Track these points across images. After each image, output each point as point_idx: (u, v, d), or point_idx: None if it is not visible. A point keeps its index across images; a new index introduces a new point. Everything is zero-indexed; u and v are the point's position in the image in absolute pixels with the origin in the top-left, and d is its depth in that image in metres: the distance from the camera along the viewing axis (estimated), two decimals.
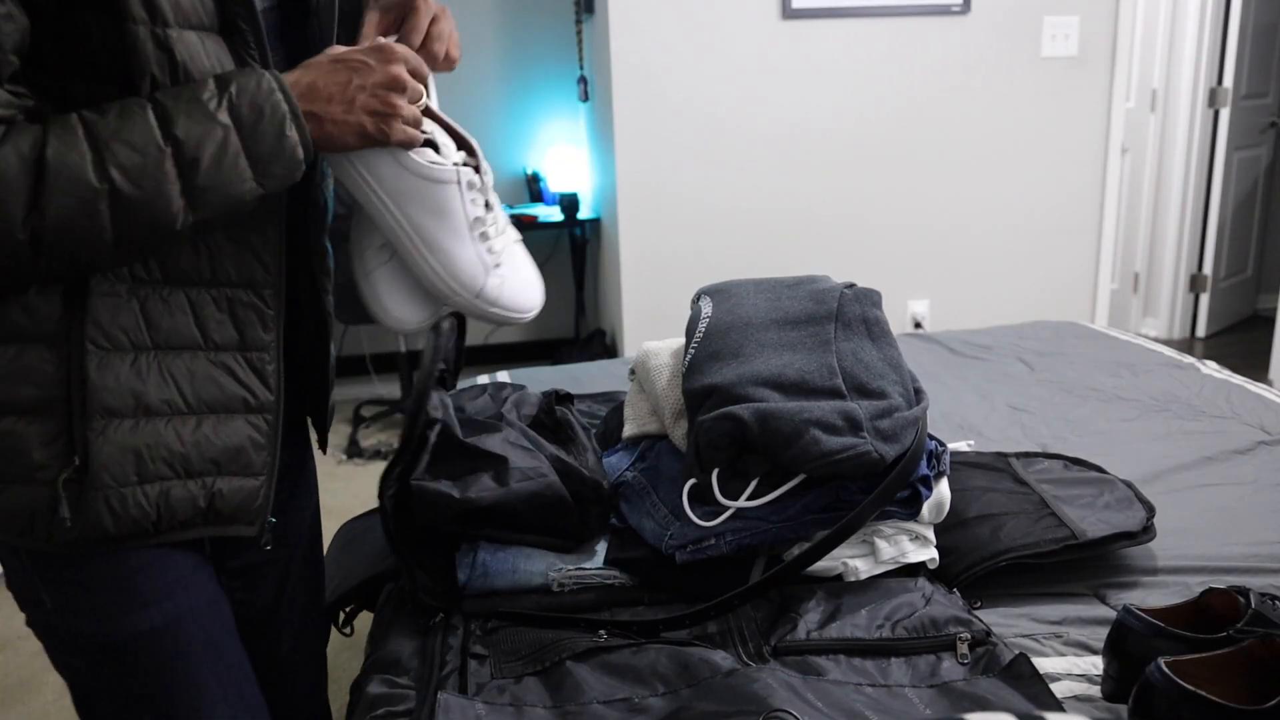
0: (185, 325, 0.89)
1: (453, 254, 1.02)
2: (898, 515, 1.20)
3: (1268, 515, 1.40)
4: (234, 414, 0.93)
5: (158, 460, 0.88)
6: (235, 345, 0.92)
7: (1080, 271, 3.62)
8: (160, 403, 0.88)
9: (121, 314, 0.86)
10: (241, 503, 0.95)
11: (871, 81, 3.30)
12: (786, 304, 1.37)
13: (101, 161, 0.77)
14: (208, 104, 0.81)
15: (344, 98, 0.87)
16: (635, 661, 1.04)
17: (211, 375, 0.91)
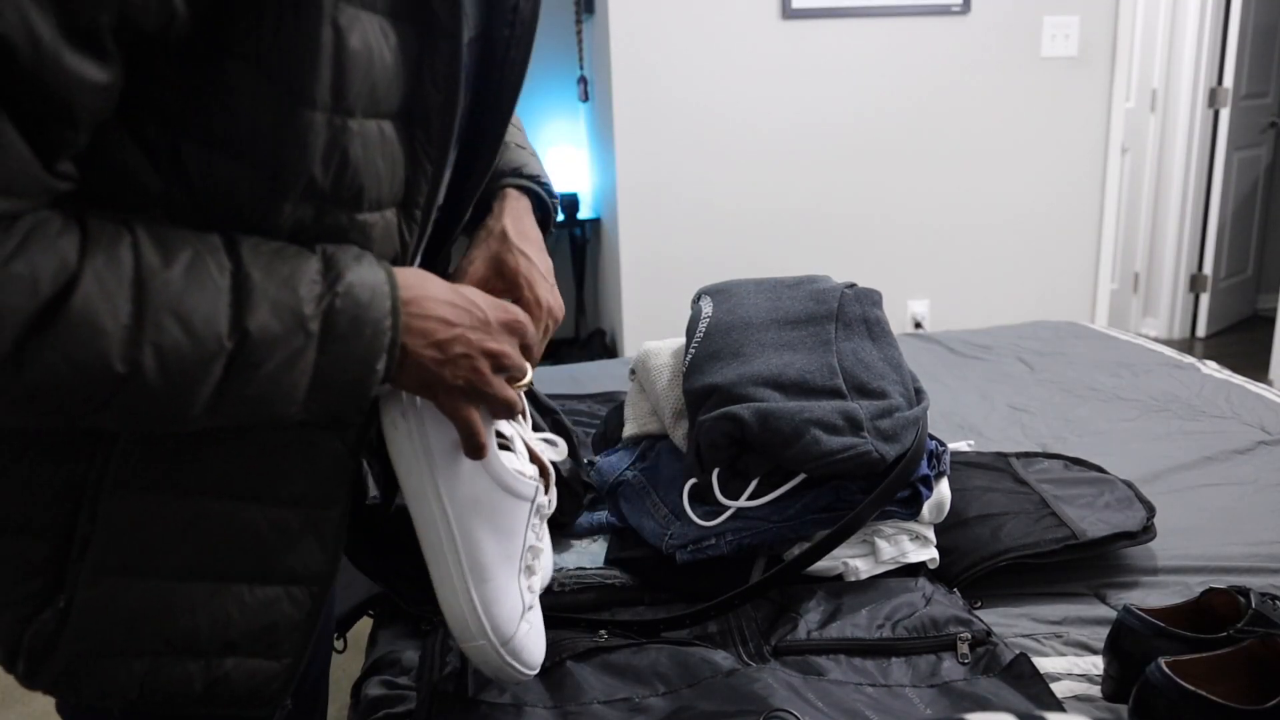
0: (244, 472, 0.69)
1: (499, 586, 0.82)
2: (898, 515, 1.20)
3: (1268, 515, 1.40)
4: (268, 583, 0.73)
5: (153, 634, 0.69)
6: (300, 500, 0.72)
7: (1080, 271, 3.62)
8: (179, 565, 0.69)
9: (162, 447, 0.67)
10: (254, 688, 0.75)
11: (871, 81, 3.30)
12: (787, 304, 1.37)
13: (137, 337, 0.56)
14: (304, 299, 0.61)
15: (446, 345, 0.69)
16: (636, 661, 1.04)
17: (256, 533, 0.71)
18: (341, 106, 0.61)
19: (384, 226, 0.69)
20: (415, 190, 0.70)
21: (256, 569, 0.72)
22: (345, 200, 0.65)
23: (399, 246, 0.71)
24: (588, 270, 4.16)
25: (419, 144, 0.68)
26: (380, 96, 0.64)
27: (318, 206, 0.64)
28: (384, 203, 0.68)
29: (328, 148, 0.62)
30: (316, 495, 0.73)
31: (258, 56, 0.58)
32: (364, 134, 0.64)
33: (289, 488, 0.71)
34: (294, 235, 0.64)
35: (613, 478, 1.36)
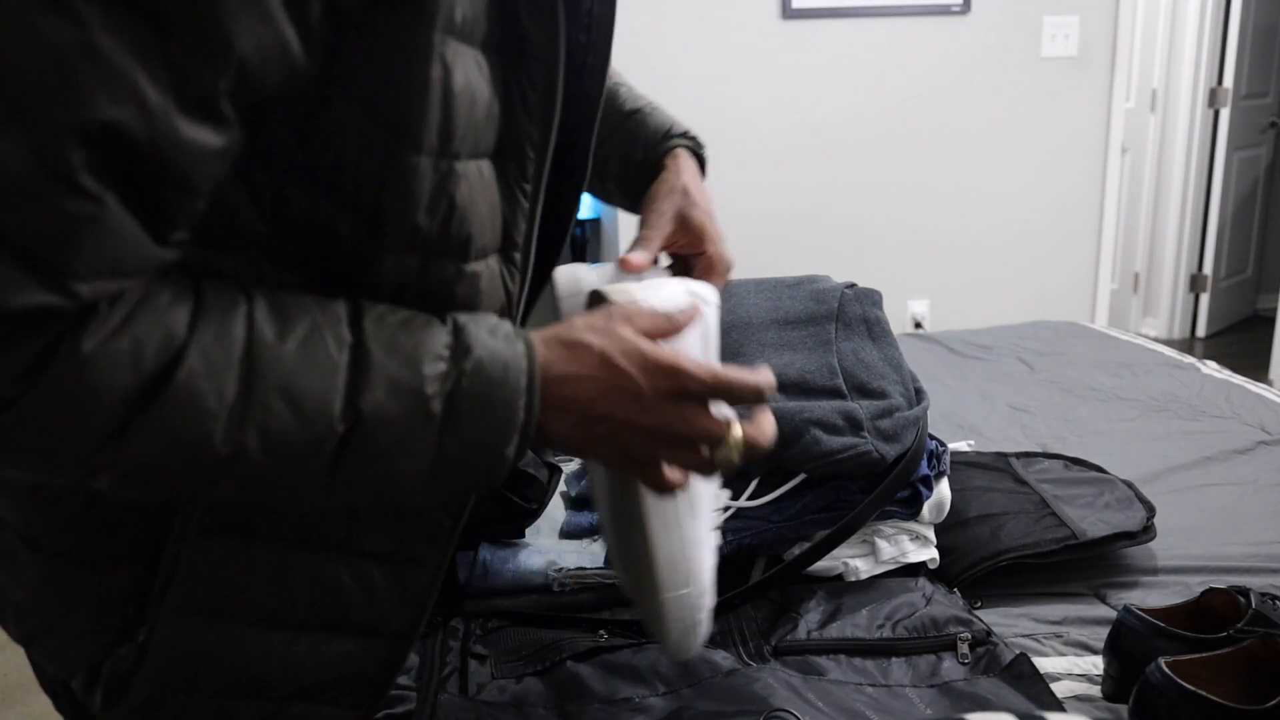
0: (333, 523, 0.67)
1: (702, 534, 0.80)
2: (898, 515, 1.20)
3: (1268, 515, 1.40)
4: (345, 635, 0.70)
5: (227, 676, 0.68)
6: (385, 556, 0.69)
7: (1080, 271, 3.62)
8: (257, 612, 0.67)
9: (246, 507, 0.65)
10: None
11: (871, 81, 3.30)
12: (787, 304, 1.37)
13: (242, 417, 0.53)
14: (427, 377, 0.56)
15: (591, 424, 0.62)
16: (636, 661, 1.04)
17: (338, 585, 0.68)
18: (448, 150, 0.58)
19: (489, 276, 0.64)
20: (513, 231, 0.65)
21: (335, 621, 0.69)
22: (452, 250, 0.61)
23: (504, 297, 0.66)
24: None
25: (514, 180, 0.63)
26: (480, 135, 0.60)
27: (424, 257, 0.60)
28: (488, 249, 0.63)
29: (434, 195, 0.58)
30: (405, 553, 0.70)
31: (366, 98, 0.55)
32: (468, 177, 0.60)
33: (376, 543, 0.68)
34: (400, 287, 0.60)
35: None
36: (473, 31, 0.57)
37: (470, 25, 0.57)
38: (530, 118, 0.62)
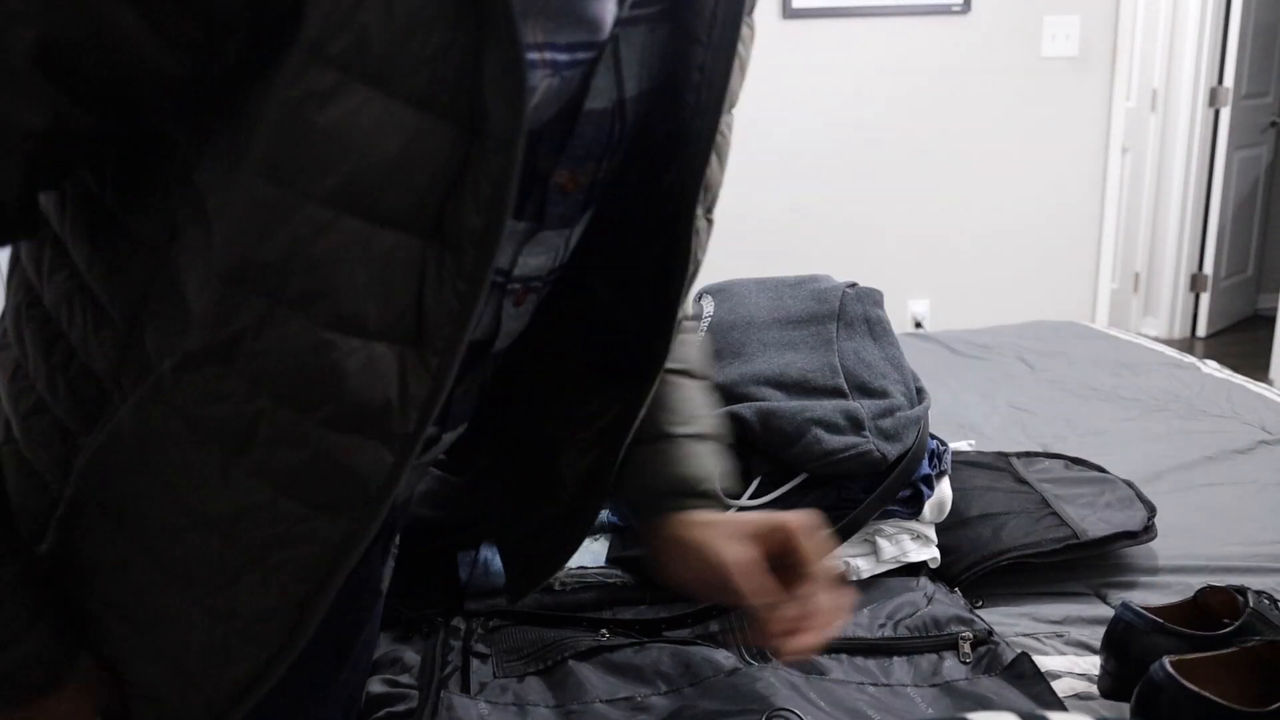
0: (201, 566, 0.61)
1: None
2: (899, 514, 1.20)
3: (1268, 515, 1.40)
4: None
5: None
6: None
7: (1080, 271, 3.62)
8: None
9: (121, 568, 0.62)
10: None
11: (871, 81, 3.30)
12: (788, 303, 1.37)
13: None
14: None
15: None
16: (638, 660, 1.04)
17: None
18: (296, 186, 0.51)
19: (369, 361, 0.56)
20: (428, 325, 0.56)
21: None
22: (299, 303, 0.54)
23: (396, 394, 0.57)
24: None
25: (446, 273, 0.55)
26: (372, 194, 0.52)
27: (268, 304, 0.54)
28: (371, 331, 0.55)
29: (269, 229, 0.52)
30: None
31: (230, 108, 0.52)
32: (339, 231, 0.52)
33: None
34: (233, 340, 0.55)
35: None
36: (384, 75, 0.50)
37: (375, 64, 0.49)
38: (478, 210, 0.53)
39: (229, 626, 0.61)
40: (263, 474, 0.58)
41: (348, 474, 0.58)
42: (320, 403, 0.56)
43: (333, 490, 0.58)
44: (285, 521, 0.59)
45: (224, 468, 0.57)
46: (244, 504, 0.58)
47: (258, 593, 0.60)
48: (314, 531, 0.59)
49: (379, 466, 0.58)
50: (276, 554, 0.59)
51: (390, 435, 0.58)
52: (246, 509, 0.58)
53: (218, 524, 0.59)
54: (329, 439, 0.57)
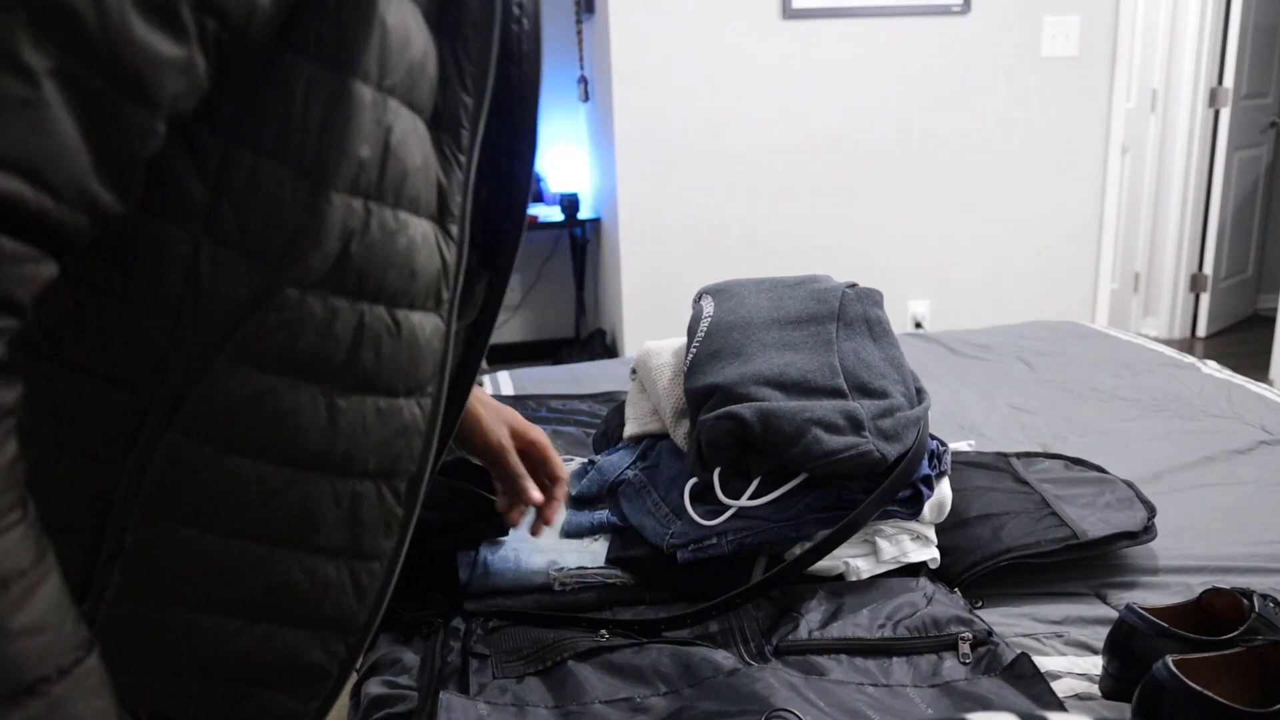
0: (284, 518, 0.65)
1: None
2: (899, 515, 1.20)
3: (1268, 515, 1.40)
4: (301, 628, 0.69)
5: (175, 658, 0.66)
6: (340, 551, 0.68)
7: (1080, 271, 3.62)
8: (206, 600, 0.66)
9: (199, 487, 0.62)
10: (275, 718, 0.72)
11: (871, 81, 3.30)
12: (788, 303, 1.37)
13: None
14: None
15: None
16: (637, 661, 1.04)
17: (289, 579, 0.67)
18: (385, 84, 0.58)
19: (425, 239, 0.65)
20: (449, 200, 0.65)
21: (288, 613, 0.68)
22: (390, 189, 0.61)
23: (440, 265, 0.66)
24: (588, 270, 4.16)
25: (449, 151, 0.64)
26: (414, 85, 0.60)
27: (365, 201, 0.60)
28: (421, 206, 0.64)
29: (372, 125, 0.58)
30: (358, 547, 0.69)
31: (318, 38, 0.56)
32: (402, 118, 0.60)
33: (328, 538, 0.67)
34: (345, 243, 0.60)
35: (613, 477, 1.36)
36: None
37: None
38: (465, 89, 0.63)
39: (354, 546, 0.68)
40: (361, 385, 0.64)
41: (424, 351, 0.66)
42: (405, 289, 0.64)
43: (415, 374, 0.67)
44: (387, 425, 0.66)
45: (328, 401, 0.63)
46: (350, 425, 0.64)
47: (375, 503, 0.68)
48: (412, 418, 0.68)
49: (438, 334, 0.68)
50: (377, 459, 0.67)
51: (441, 302, 0.67)
52: (353, 428, 0.65)
53: (312, 461, 0.64)
54: (411, 321, 0.65)
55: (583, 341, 4.06)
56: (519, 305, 4.34)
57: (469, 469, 1.20)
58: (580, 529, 1.30)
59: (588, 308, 4.24)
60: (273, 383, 0.61)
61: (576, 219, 3.83)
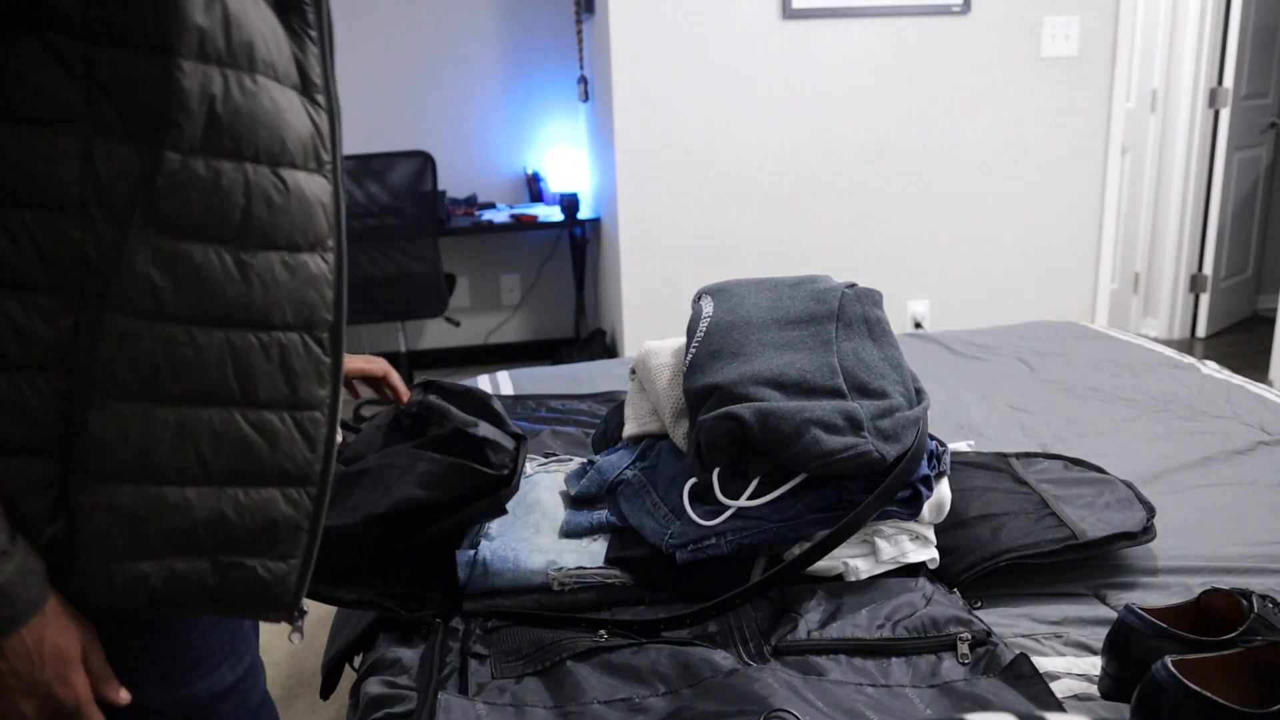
0: (222, 378, 0.72)
1: None
2: (898, 515, 1.20)
3: (1268, 515, 1.40)
4: (266, 485, 0.76)
5: (156, 535, 0.72)
6: (284, 403, 0.75)
7: (1080, 271, 3.62)
8: (171, 468, 0.72)
9: (140, 360, 0.69)
10: (265, 588, 0.78)
11: (871, 82, 3.30)
12: (788, 303, 1.37)
13: None
14: None
15: None
16: (636, 661, 1.04)
17: (241, 437, 0.74)
18: None
19: (290, 104, 0.72)
20: (308, 72, 0.73)
21: (248, 472, 0.75)
22: (241, 55, 0.68)
23: (313, 129, 0.74)
24: (588, 270, 4.16)
25: (299, 29, 0.73)
26: None
27: (220, 70, 0.67)
28: (280, 75, 0.71)
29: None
30: (296, 397, 0.76)
31: None
32: (257, 6, 0.68)
33: (268, 392, 0.74)
34: (210, 110, 0.67)
35: (613, 477, 1.36)
36: None
37: None
38: None
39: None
40: (264, 242, 0.71)
41: (315, 208, 0.74)
42: (282, 149, 0.71)
43: (311, 228, 0.74)
44: (296, 277, 0.73)
45: (235, 259, 0.70)
46: (261, 279, 0.72)
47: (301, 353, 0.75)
48: (319, 270, 0.75)
49: (326, 192, 0.75)
50: (294, 311, 0.74)
51: (322, 164, 0.75)
52: (264, 282, 0.72)
53: (234, 317, 0.71)
54: (297, 179, 0.73)
55: (582, 341, 4.06)
56: (519, 305, 4.34)
57: (464, 444, 1.22)
58: (579, 529, 1.30)
59: (587, 308, 4.24)
60: (181, 247, 0.68)
61: (576, 219, 3.83)
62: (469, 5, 3.97)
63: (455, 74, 4.02)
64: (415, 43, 3.97)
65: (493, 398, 1.35)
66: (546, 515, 1.34)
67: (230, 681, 0.83)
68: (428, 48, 3.98)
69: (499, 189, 4.18)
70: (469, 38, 4.00)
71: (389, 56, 3.96)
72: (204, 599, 0.76)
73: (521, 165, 4.18)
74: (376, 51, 3.94)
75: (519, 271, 4.31)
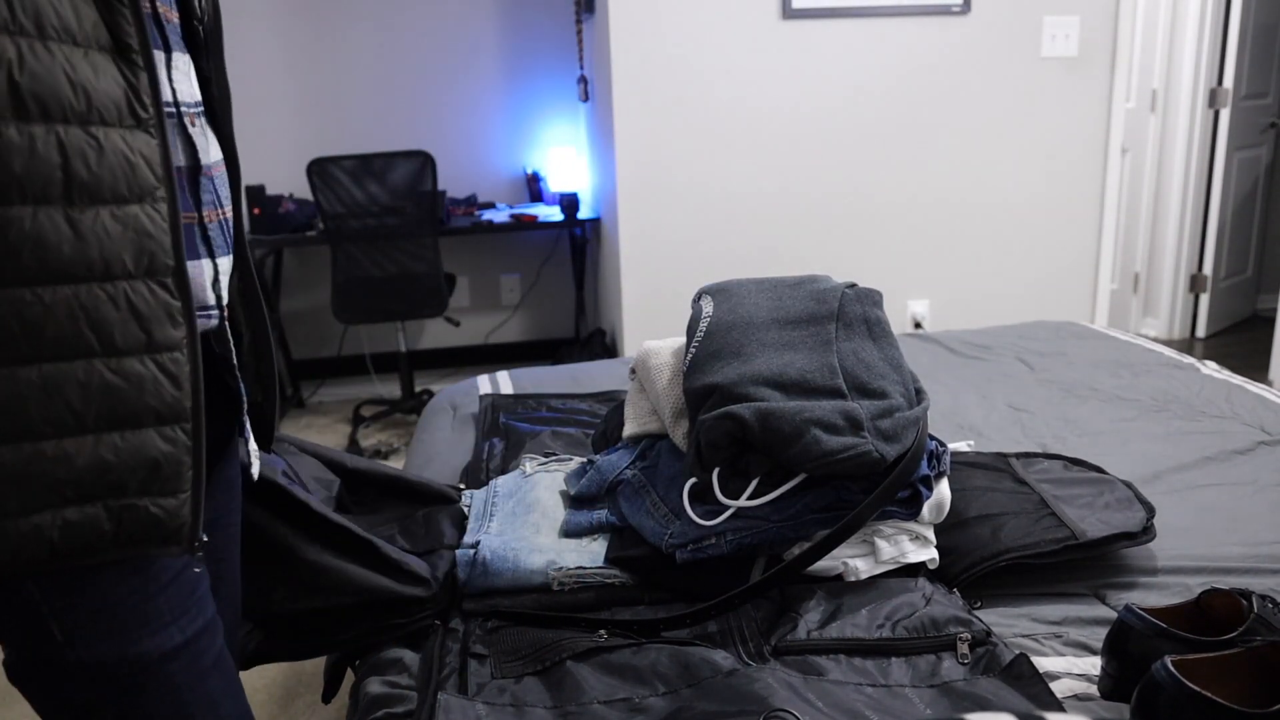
0: (77, 332, 0.76)
1: None
2: (898, 515, 1.20)
3: (1267, 515, 1.40)
4: (141, 428, 0.79)
5: (43, 489, 0.76)
6: (141, 348, 0.79)
7: (1080, 272, 3.62)
8: (45, 424, 0.75)
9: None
10: (158, 523, 0.82)
11: (871, 82, 3.30)
12: (788, 304, 1.37)
13: None
14: None
15: None
16: (635, 661, 1.04)
17: (110, 385, 0.77)
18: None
19: (94, 66, 0.74)
20: (119, 33, 0.76)
21: (120, 416, 0.78)
22: (29, 22, 0.70)
23: (125, 87, 0.76)
24: (588, 270, 4.16)
25: None
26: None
27: (13, 39, 0.70)
28: (79, 38, 0.73)
29: None
30: (152, 341, 0.79)
31: None
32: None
33: (124, 338, 0.78)
34: (8, 77, 0.69)
35: (612, 477, 1.36)
36: None
37: None
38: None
39: None
40: (90, 198, 0.74)
41: (138, 162, 0.77)
42: (89, 109, 0.74)
43: (135, 182, 0.77)
44: (129, 228, 0.77)
45: (65, 216, 0.74)
46: (93, 233, 0.75)
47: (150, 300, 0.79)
48: (150, 219, 0.78)
49: (149, 146, 0.77)
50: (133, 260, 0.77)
51: (140, 120, 0.77)
52: (98, 236, 0.75)
53: (75, 272, 0.75)
54: (111, 136, 0.75)
55: (582, 341, 4.06)
56: (519, 305, 4.34)
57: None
58: (579, 528, 1.30)
59: (587, 307, 4.24)
60: (9, 213, 0.71)
61: (576, 219, 3.83)
62: (469, 5, 3.97)
63: (455, 74, 4.02)
64: (415, 43, 3.97)
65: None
66: (546, 515, 1.34)
67: (179, 641, 0.86)
68: (428, 48, 3.98)
69: (499, 189, 4.18)
70: (469, 38, 4.00)
71: (389, 56, 3.96)
72: (105, 544, 0.80)
73: (521, 165, 4.18)
74: (376, 51, 3.94)
75: (519, 271, 4.31)
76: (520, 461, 1.54)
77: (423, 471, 1.70)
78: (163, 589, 0.85)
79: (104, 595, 0.82)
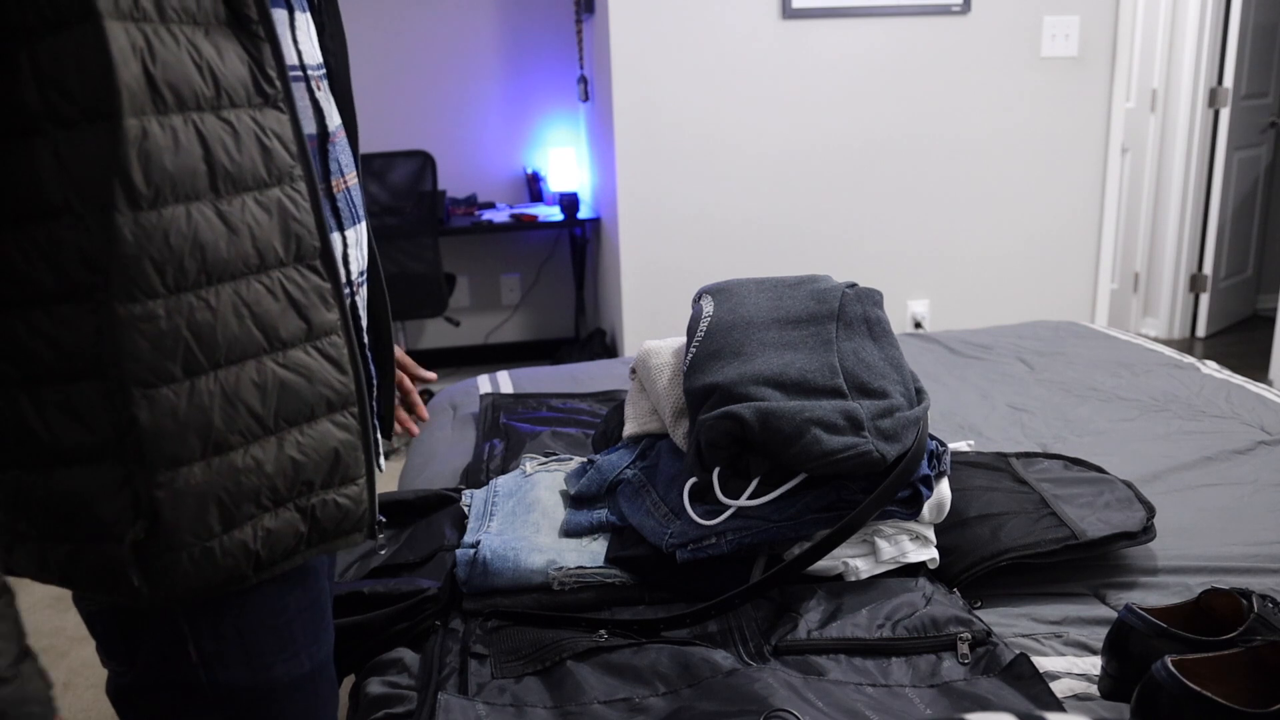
0: (246, 331, 0.73)
1: None
2: (898, 515, 1.20)
3: (1267, 515, 1.40)
4: (316, 419, 0.78)
5: (244, 501, 0.74)
6: (303, 336, 0.77)
7: (1080, 271, 3.62)
8: (231, 433, 0.73)
9: (165, 339, 0.69)
10: (345, 513, 0.82)
11: (871, 81, 3.30)
12: (788, 303, 1.37)
13: None
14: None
15: None
16: (636, 661, 1.04)
17: (284, 380, 0.76)
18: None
19: (217, 46, 0.71)
20: (241, 6, 0.72)
21: (296, 412, 0.77)
22: (150, 10, 0.67)
23: (250, 64, 0.73)
24: (588, 270, 4.16)
25: None
26: None
27: (138, 26, 0.66)
28: (198, 17, 0.70)
29: None
30: (310, 327, 0.77)
31: None
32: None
33: (287, 329, 0.76)
34: (143, 68, 0.66)
35: (613, 476, 1.36)
36: None
37: None
38: None
39: None
40: (235, 187, 0.72)
41: (273, 142, 0.74)
42: (217, 93, 0.71)
43: (273, 164, 0.74)
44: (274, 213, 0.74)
45: (215, 210, 0.71)
46: (243, 224, 0.72)
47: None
48: (293, 200, 0.75)
49: (281, 122, 0.74)
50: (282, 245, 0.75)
51: (268, 97, 0.74)
52: (248, 226, 0.73)
53: (234, 268, 0.72)
54: (243, 118, 0.72)
55: (582, 341, 4.06)
56: (519, 305, 4.34)
57: None
58: (579, 528, 1.30)
59: (587, 307, 4.23)
60: (165, 214, 0.68)
61: (576, 219, 3.82)
62: (469, 5, 3.97)
63: (455, 74, 4.02)
64: (415, 43, 3.97)
65: None
66: (546, 515, 1.34)
67: (307, 670, 0.84)
68: (428, 48, 3.98)
69: (499, 189, 4.18)
70: (469, 37, 4.00)
71: (389, 56, 3.96)
72: (301, 547, 0.79)
73: (521, 165, 4.18)
74: (376, 51, 3.94)
75: (519, 271, 4.31)
76: (520, 461, 1.54)
77: (423, 471, 1.70)
78: (301, 611, 0.84)
79: (248, 617, 0.80)
